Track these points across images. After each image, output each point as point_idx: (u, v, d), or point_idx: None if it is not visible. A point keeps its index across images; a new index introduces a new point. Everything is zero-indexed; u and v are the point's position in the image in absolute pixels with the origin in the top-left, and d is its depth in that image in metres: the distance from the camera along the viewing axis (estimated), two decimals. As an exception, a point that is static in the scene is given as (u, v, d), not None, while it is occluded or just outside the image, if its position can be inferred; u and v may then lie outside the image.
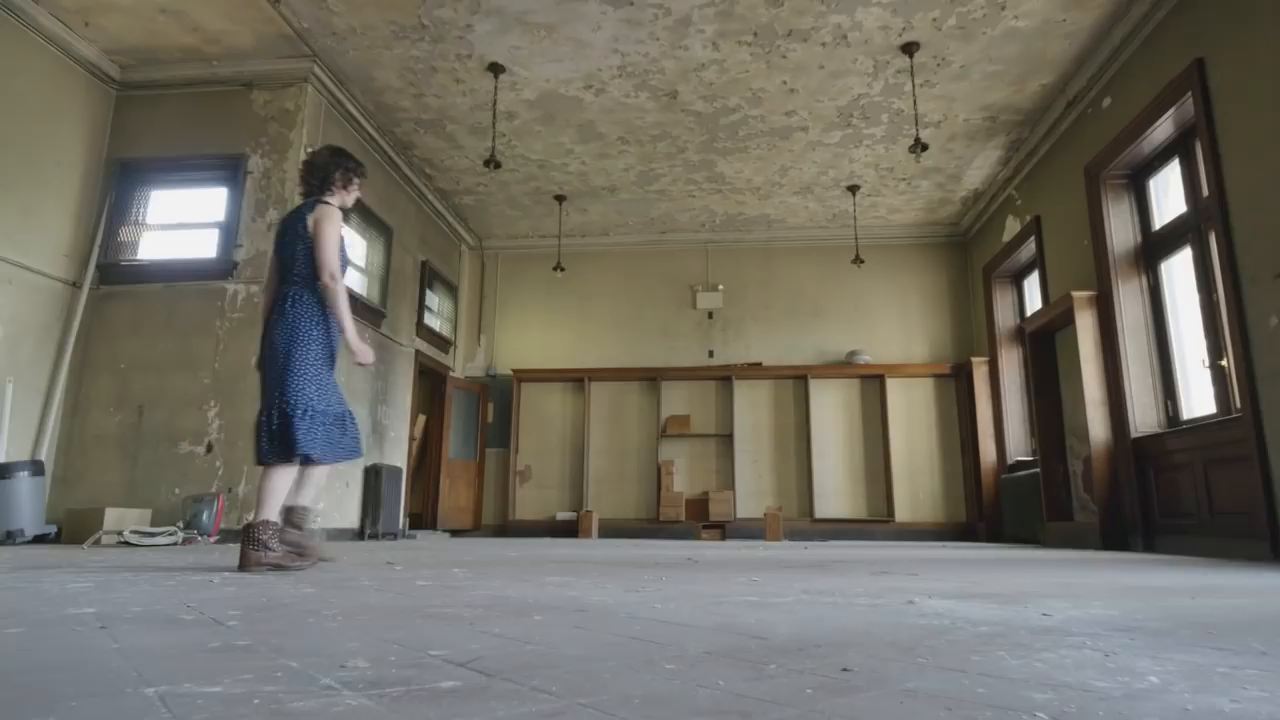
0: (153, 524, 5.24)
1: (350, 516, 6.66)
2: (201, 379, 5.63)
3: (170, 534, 4.80)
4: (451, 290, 9.12)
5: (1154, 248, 5.91)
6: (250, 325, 5.68)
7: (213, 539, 5.13)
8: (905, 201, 8.56)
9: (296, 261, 2.82)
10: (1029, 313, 8.15)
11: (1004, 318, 8.39)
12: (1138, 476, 5.71)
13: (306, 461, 2.74)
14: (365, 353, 2.95)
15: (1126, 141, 5.87)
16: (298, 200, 3.20)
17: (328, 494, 6.28)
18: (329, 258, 2.81)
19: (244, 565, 2.59)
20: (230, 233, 5.83)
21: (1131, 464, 5.73)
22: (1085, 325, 6.11)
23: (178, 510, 5.32)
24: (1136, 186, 6.12)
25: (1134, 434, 5.76)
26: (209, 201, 6.01)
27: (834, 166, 7.77)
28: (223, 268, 5.77)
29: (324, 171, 2.97)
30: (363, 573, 2.63)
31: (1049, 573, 2.82)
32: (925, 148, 5.74)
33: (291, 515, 2.69)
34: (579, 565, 2.90)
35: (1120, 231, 6.09)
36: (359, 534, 6.74)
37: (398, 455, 7.60)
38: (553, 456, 9.05)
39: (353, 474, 6.70)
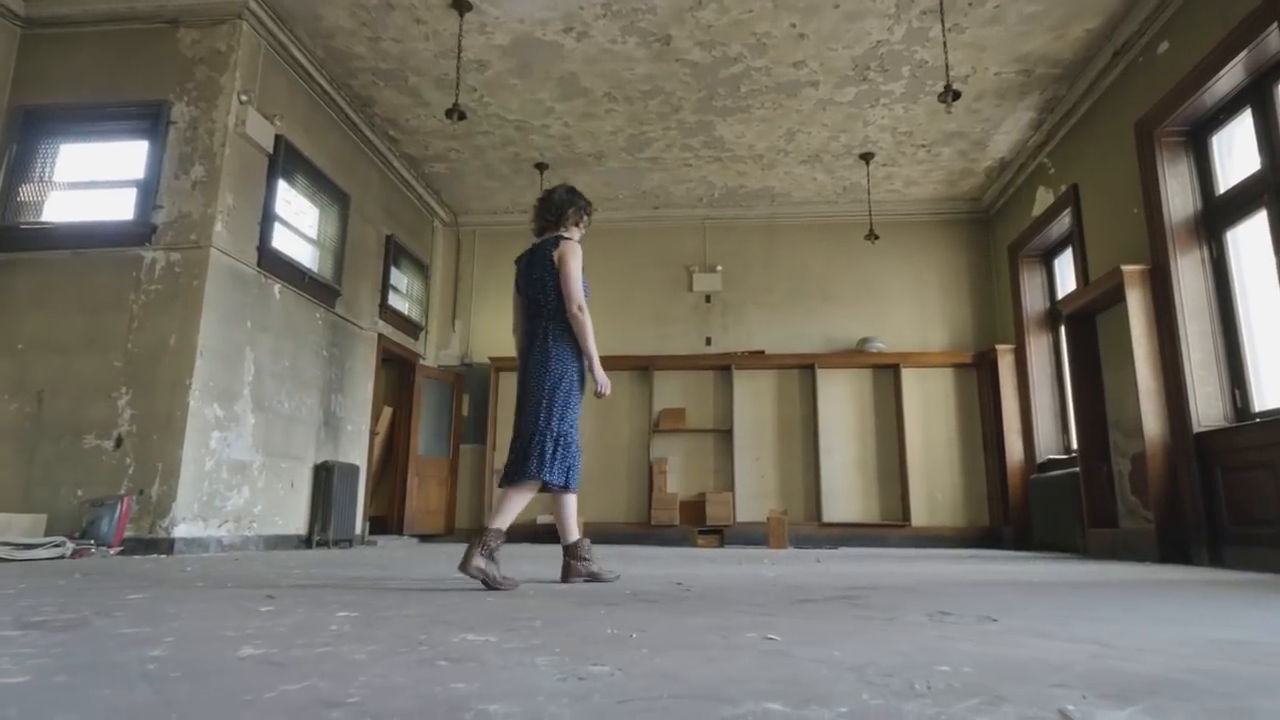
0: (48, 531, 4.43)
1: (296, 521, 5.85)
2: (112, 361, 4.81)
3: (57, 544, 3.99)
4: (422, 270, 8.30)
5: (1217, 214, 5.13)
6: (171, 298, 4.86)
7: (113, 550, 4.32)
8: (923, 173, 7.75)
9: (548, 296, 2.99)
10: (1060, 295, 7.36)
11: (1032, 301, 7.59)
12: (1201, 477, 4.92)
13: (547, 488, 2.90)
14: (606, 384, 3.06)
15: (1187, 92, 5.08)
16: (531, 238, 3.29)
17: (266, 496, 5.47)
18: (575, 290, 2.97)
19: (564, 577, 2.95)
20: (149, 192, 5.01)
21: (1194, 463, 4.94)
22: (1137, 304, 5.31)
23: (78, 516, 4.51)
24: (1196, 145, 5.33)
25: (1196, 428, 4.97)
26: (126, 156, 5.19)
27: (846, 130, 6.95)
28: (140, 232, 4.95)
29: (559, 209, 3.16)
30: (192, 616, 1.83)
31: (1180, 612, 2.03)
32: (958, 95, 4.94)
33: (488, 536, 2.67)
34: (521, 606, 2.10)
35: (1178, 196, 5.30)
36: (306, 541, 5.92)
37: (355, 451, 6.79)
38: (534, 453, 8.22)
39: (299, 472, 5.89)
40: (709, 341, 8.38)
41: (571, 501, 2.99)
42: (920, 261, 8.36)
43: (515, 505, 2.81)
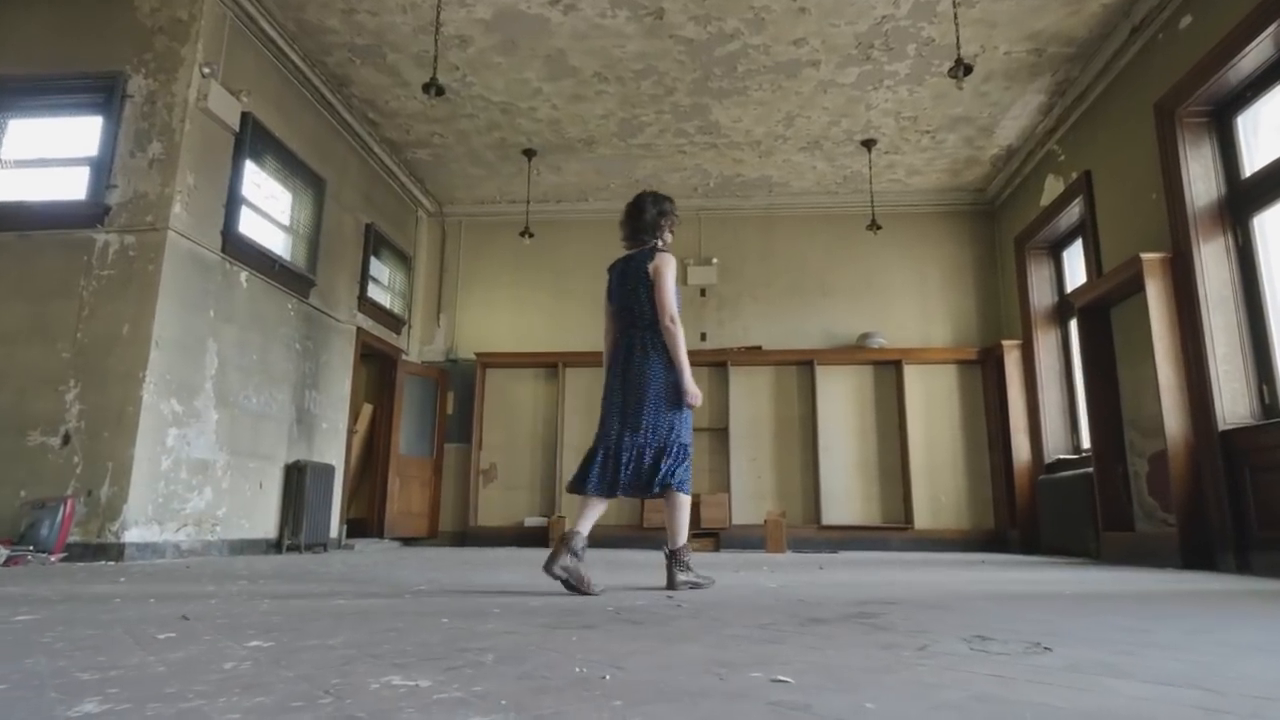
0: (-14, 535, 4.07)
1: (265, 525, 5.50)
2: (60, 352, 4.45)
3: (-11, 551, 3.64)
4: (405, 261, 7.96)
5: (1242, 199, 4.83)
6: (124, 284, 4.51)
7: (54, 558, 3.96)
8: (927, 161, 7.44)
9: (643, 307, 3.01)
10: (1069, 288, 7.06)
11: (1040, 294, 7.28)
12: (1227, 478, 4.61)
13: (666, 490, 2.92)
14: (696, 395, 3.02)
15: (1210, 69, 4.77)
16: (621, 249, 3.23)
17: (231, 497, 5.12)
18: (669, 301, 2.98)
19: (671, 584, 2.89)
20: (103, 170, 4.66)
21: (1219, 463, 4.64)
22: (1157, 294, 5.01)
23: (18, 519, 4.15)
24: (1220, 125, 5.03)
25: (1221, 426, 4.67)
26: (78, 132, 4.84)
27: (848, 115, 6.63)
28: (92, 213, 4.60)
29: (651, 219, 3.13)
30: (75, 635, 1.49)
31: (1257, 637, 1.71)
32: (969, 70, 4.62)
33: (572, 540, 2.70)
34: (476, 631, 1.78)
35: (1200, 180, 5.00)
36: (276, 545, 5.57)
37: (332, 451, 6.44)
38: (522, 453, 7.90)
39: (268, 472, 5.54)
40: (704, 337, 8.06)
41: (686, 505, 3.00)
42: (923, 254, 8.05)
43: (685, 515, 2.95)
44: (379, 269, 7.39)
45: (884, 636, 1.70)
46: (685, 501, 2.95)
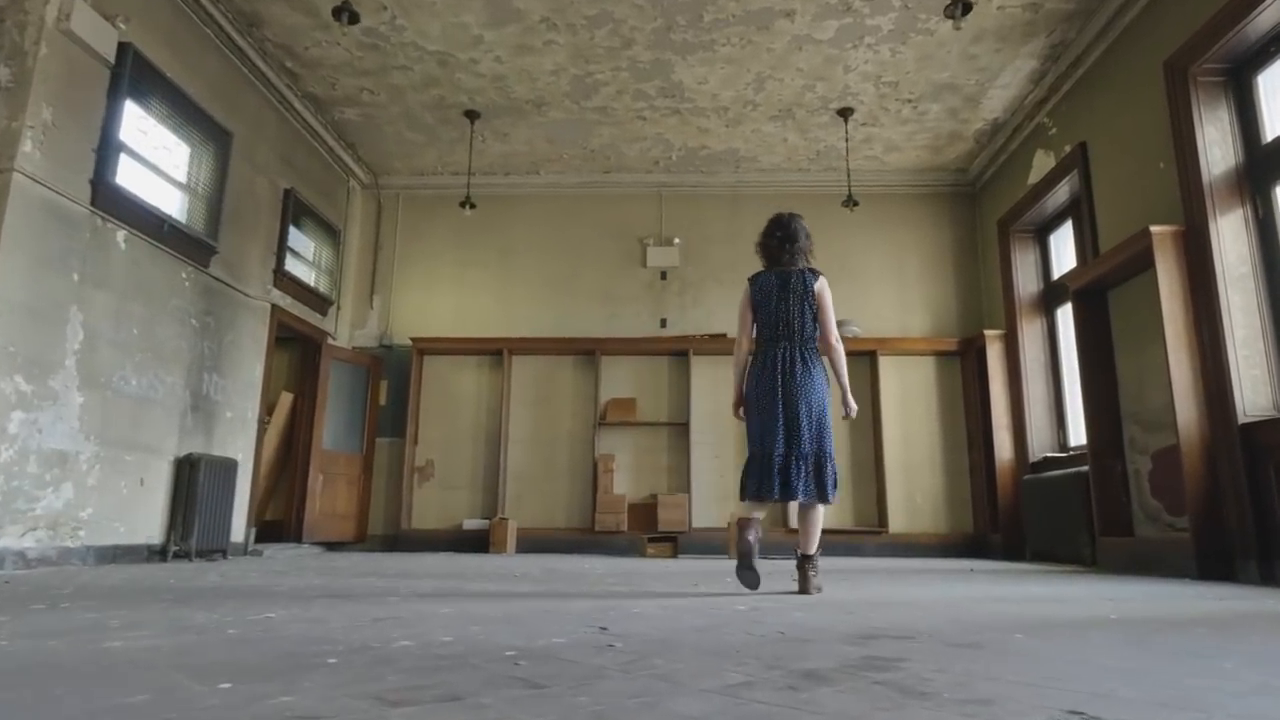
0: None
1: (148, 528, 4.69)
2: None
3: None
4: (333, 235, 7.16)
5: (1262, 166, 4.34)
6: (-44, 236, 3.69)
7: None
8: (907, 135, 6.88)
9: (806, 322, 3.18)
10: (1056, 274, 6.55)
11: (1024, 281, 6.77)
12: (1248, 478, 4.08)
13: (817, 499, 3.07)
14: (854, 408, 3.25)
15: (1228, 24, 4.27)
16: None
17: (100, 496, 4.31)
18: (834, 324, 3.23)
19: (805, 589, 2.97)
20: (-64, 98, 3.83)
21: (1240, 460, 4.11)
22: (1169, 271, 4.48)
23: None
24: (1238, 86, 4.53)
25: (1241, 419, 4.15)
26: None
27: (824, 78, 6.03)
28: (-81, 150, 3.77)
29: (805, 243, 3.30)
30: None
31: None
32: (969, 8, 4.05)
33: (817, 561, 3.04)
34: (264, 711, 1.09)
35: (1216, 146, 4.49)
36: (161, 552, 4.76)
37: (237, 443, 5.64)
38: (462, 449, 7.16)
39: (152, 467, 4.73)
40: (664, 323, 7.40)
41: (822, 515, 3.14)
42: (901, 238, 7.50)
43: (819, 523, 3.11)
44: (301, 241, 6.60)
45: (918, 708, 1.04)
46: (822, 513, 3.13)
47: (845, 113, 6.48)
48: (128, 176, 4.50)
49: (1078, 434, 6.13)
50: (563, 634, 1.77)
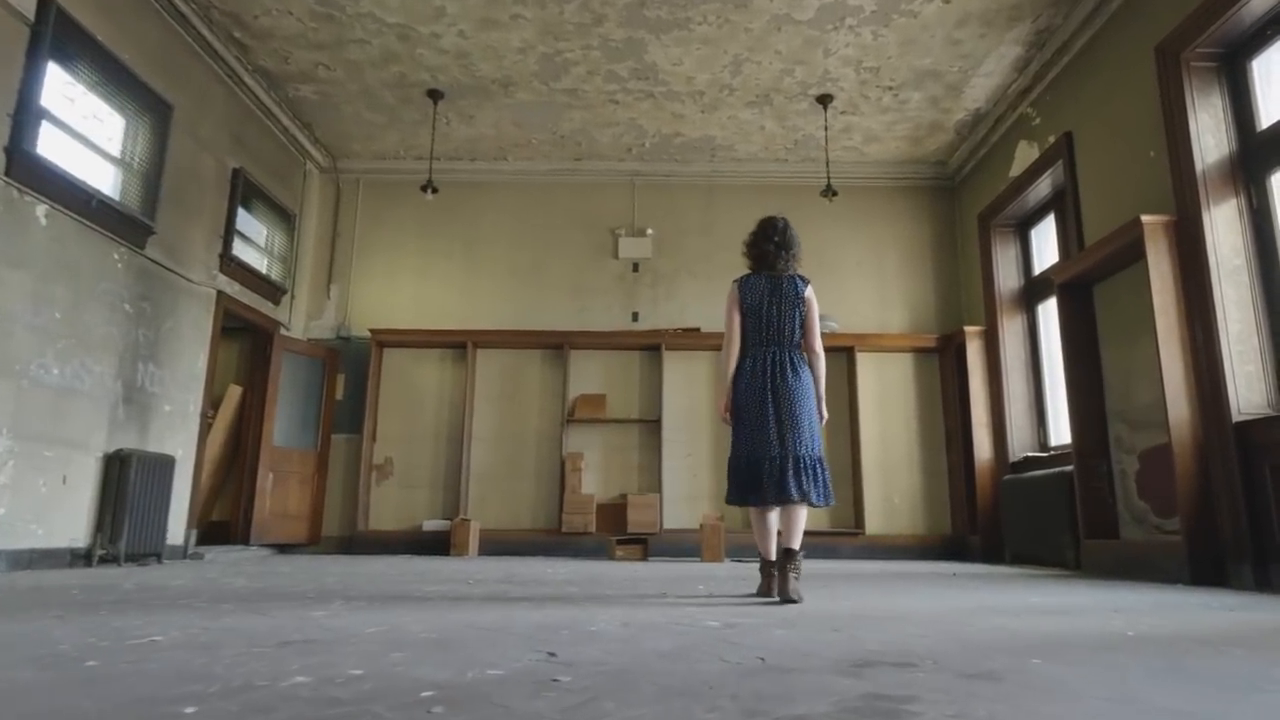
0: None
1: (71, 530, 4.31)
2: None
3: None
4: (287, 220, 6.78)
5: (1257, 154, 4.17)
6: None
7: None
8: (887, 125, 6.67)
9: (795, 328, 3.19)
10: (1037, 269, 6.39)
11: (1005, 276, 6.59)
12: (1243, 478, 3.90)
13: (805, 501, 3.03)
14: (825, 416, 3.23)
15: (1222, 6, 4.10)
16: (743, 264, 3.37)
17: (14, 495, 3.93)
18: (819, 332, 3.25)
19: (785, 591, 2.82)
20: None
21: (1234, 460, 3.93)
22: (1160, 262, 4.30)
23: None
24: (1231, 71, 4.36)
25: (1236, 417, 3.97)
26: None
27: (803, 62, 5.79)
28: None
29: (798, 249, 3.33)
30: None
31: None
32: (958, -20, 3.81)
33: (799, 560, 2.93)
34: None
35: (1210, 133, 4.32)
36: (86, 556, 4.38)
37: (177, 439, 5.26)
38: (423, 446, 6.82)
39: (76, 463, 4.35)
40: (636, 317, 7.12)
41: (806, 511, 3.12)
42: (879, 232, 7.29)
43: (803, 519, 3.07)
44: (251, 225, 6.22)
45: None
46: (805, 513, 3.10)
47: (825, 100, 6.25)
48: (50, 146, 4.12)
49: (1059, 433, 5.96)
50: (501, 663, 1.48)
